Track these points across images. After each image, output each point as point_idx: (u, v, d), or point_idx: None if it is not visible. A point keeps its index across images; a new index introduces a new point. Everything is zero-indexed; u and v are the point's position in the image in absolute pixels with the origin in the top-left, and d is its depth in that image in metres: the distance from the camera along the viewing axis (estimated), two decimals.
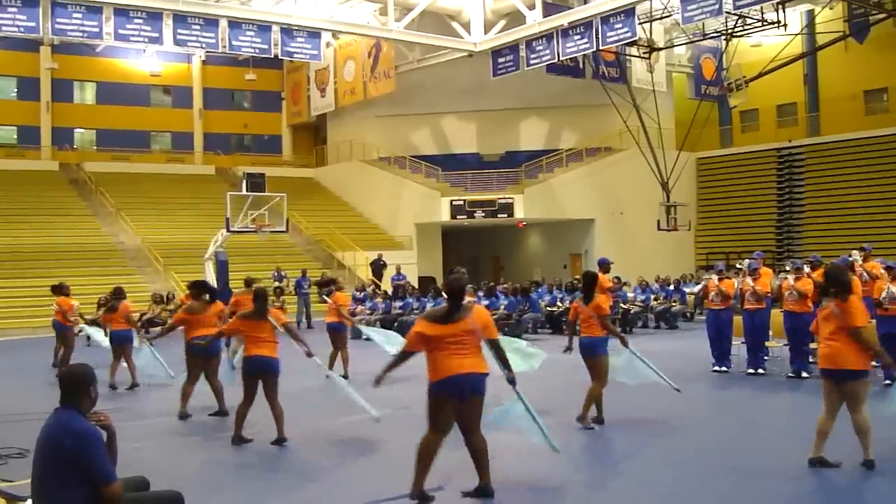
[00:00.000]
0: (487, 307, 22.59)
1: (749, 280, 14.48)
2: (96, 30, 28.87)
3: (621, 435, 9.83)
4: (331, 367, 15.05)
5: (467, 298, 11.45)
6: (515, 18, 35.49)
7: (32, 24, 27.66)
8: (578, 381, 10.61)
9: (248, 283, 17.86)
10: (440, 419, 7.08)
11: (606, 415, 10.32)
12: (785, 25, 33.27)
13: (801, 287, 13.62)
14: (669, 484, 7.84)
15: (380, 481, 7.98)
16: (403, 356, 7.28)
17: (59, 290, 16.83)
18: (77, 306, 17.08)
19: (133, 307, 26.34)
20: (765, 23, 32.82)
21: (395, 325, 22.99)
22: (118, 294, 15.09)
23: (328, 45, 40.66)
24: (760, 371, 14.35)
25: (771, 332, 14.96)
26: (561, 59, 33.97)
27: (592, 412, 10.24)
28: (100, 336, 16.73)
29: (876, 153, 37.55)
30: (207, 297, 12.25)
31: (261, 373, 9.77)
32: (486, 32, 36.22)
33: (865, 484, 7.55)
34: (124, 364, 14.57)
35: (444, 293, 7.44)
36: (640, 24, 31.65)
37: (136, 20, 29.25)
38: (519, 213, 37.64)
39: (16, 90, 44.14)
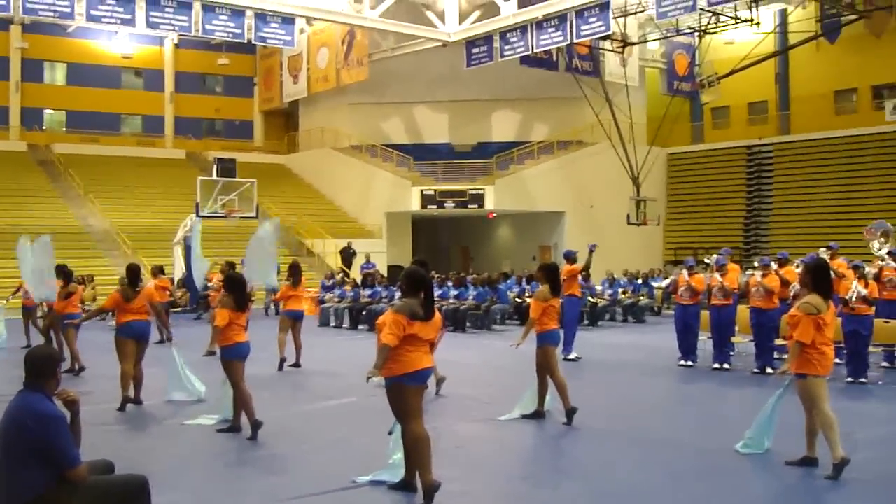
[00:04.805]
0: (457, 297, 22.92)
1: (717, 276, 14.60)
2: (68, 10, 28.60)
3: (585, 428, 9.83)
4: (282, 353, 14.77)
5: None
6: (490, 9, 35.55)
7: (3, 2, 27.30)
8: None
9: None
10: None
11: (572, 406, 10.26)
12: (758, 24, 33.42)
13: (767, 283, 13.76)
14: (632, 478, 7.87)
15: (349, 468, 7.96)
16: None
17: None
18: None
19: (101, 291, 26.35)
20: (738, 20, 32.95)
21: (364, 313, 23.00)
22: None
23: (302, 31, 40.46)
24: (726, 366, 14.47)
25: (737, 328, 15.12)
26: (535, 51, 34.10)
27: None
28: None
29: (844, 153, 37.88)
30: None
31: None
32: (460, 23, 36.24)
33: (824, 482, 7.60)
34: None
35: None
36: (614, 18, 31.74)
37: (109, 1, 28.99)
38: (489, 204, 37.67)
39: None
